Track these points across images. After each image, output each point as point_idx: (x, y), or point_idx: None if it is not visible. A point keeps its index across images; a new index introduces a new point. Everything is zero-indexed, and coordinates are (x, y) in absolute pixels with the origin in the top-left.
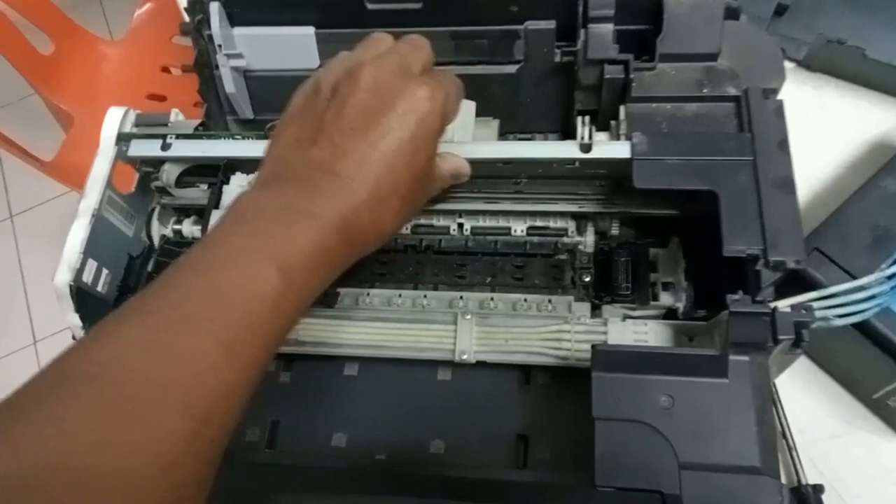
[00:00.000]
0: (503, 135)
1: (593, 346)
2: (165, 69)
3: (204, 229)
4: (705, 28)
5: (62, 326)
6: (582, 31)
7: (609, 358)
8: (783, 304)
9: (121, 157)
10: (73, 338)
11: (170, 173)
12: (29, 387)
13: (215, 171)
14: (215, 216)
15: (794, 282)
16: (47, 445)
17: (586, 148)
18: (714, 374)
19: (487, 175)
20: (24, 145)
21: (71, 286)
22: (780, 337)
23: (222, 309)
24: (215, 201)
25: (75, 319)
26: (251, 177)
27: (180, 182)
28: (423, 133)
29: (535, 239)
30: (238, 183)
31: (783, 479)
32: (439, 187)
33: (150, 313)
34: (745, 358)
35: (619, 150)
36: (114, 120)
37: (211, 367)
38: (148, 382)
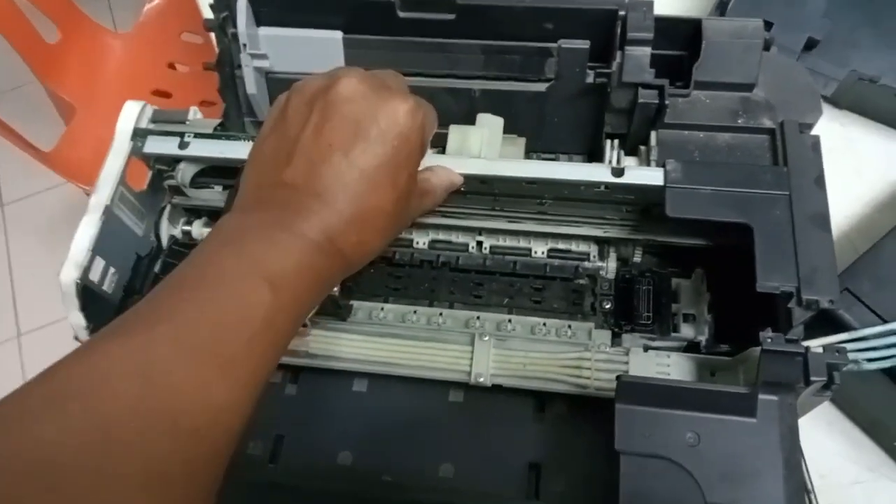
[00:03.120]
0: (527, 153)
1: (618, 377)
2: (171, 66)
3: None
4: (743, 58)
5: (48, 320)
6: (618, 53)
7: (634, 390)
8: (815, 345)
9: (136, 153)
10: (76, 338)
11: (185, 173)
12: (15, 400)
13: (231, 174)
14: None
15: (822, 322)
16: (29, 462)
17: (618, 172)
18: (742, 413)
19: (510, 193)
20: (21, 134)
21: (77, 284)
22: (813, 378)
23: (214, 327)
24: (231, 204)
25: (79, 319)
26: None
27: (195, 182)
28: (406, 149)
29: (556, 262)
30: None
31: None
32: (431, 203)
33: (141, 332)
34: (775, 398)
35: (651, 176)
36: (130, 114)
37: (203, 385)
38: (138, 404)
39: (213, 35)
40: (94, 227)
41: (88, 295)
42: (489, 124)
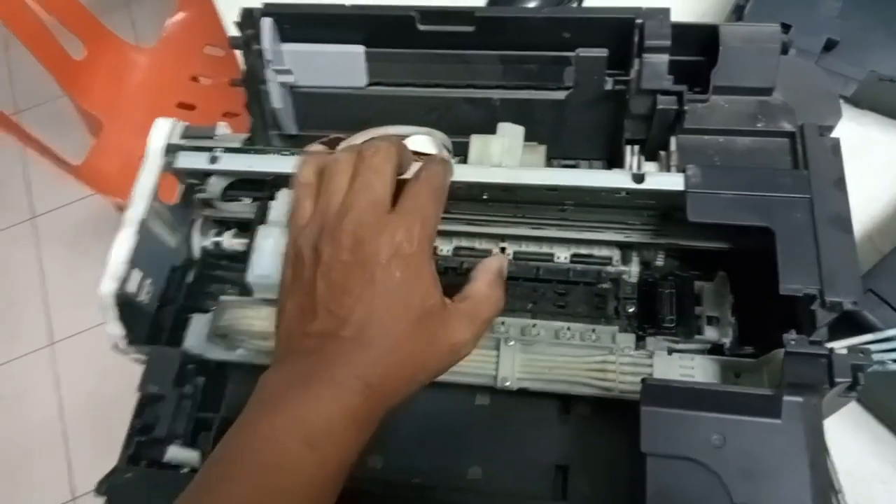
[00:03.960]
0: (548, 160)
1: (643, 380)
2: (195, 78)
3: (249, 244)
4: (761, 62)
5: (80, 328)
6: (636, 61)
7: (659, 392)
8: (839, 346)
9: (168, 168)
10: (115, 346)
11: (215, 186)
12: None
13: (260, 186)
14: (261, 232)
15: (846, 323)
16: None
17: (639, 178)
18: (767, 415)
19: (532, 200)
20: (51, 147)
21: (115, 296)
22: (837, 380)
23: (262, 497)
24: (261, 216)
25: (117, 329)
26: None
27: (225, 195)
28: (413, 269)
29: (579, 267)
30: (284, 199)
31: None
32: (476, 309)
33: None
34: (799, 399)
35: (672, 181)
36: (162, 131)
37: None
38: None
39: (238, 52)
40: (130, 241)
41: (126, 306)
42: (510, 133)
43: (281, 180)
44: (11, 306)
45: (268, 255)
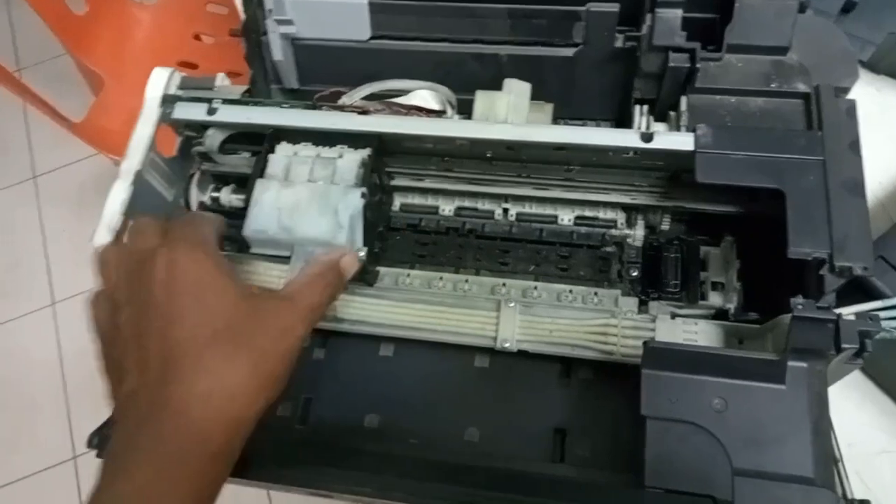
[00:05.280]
0: (554, 120)
1: (644, 343)
2: (197, 37)
3: (247, 198)
4: (777, 20)
5: (81, 289)
6: (648, 16)
7: (660, 355)
8: (847, 312)
9: (165, 119)
10: None
11: (213, 139)
12: None
13: (259, 140)
14: (259, 185)
15: (854, 289)
16: None
17: (647, 137)
18: (771, 380)
19: (537, 160)
20: (52, 105)
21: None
22: (844, 346)
23: None
24: (260, 170)
25: None
26: (297, 146)
27: (223, 148)
28: (191, 281)
29: (583, 229)
30: (283, 152)
31: None
32: (294, 307)
33: None
34: (804, 364)
35: (681, 141)
36: (159, 80)
37: None
38: None
39: (238, 2)
40: (125, 192)
41: None
42: (516, 90)
43: (281, 134)
44: (15, 266)
45: (266, 209)
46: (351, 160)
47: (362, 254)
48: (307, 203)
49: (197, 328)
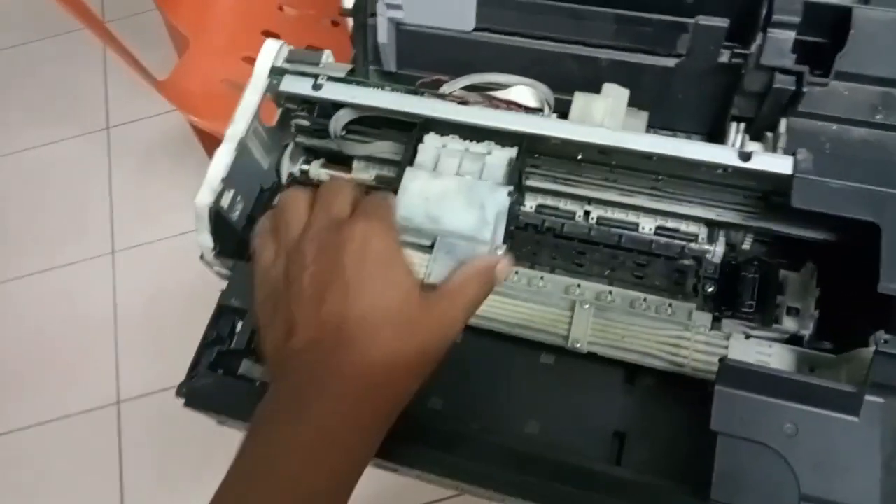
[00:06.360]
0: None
1: (721, 360)
2: (280, 8)
3: (398, 179)
4: (891, 51)
5: (139, 241)
6: (760, 35)
7: (736, 374)
8: None
9: (271, 90)
10: (202, 258)
11: (339, 120)
12: None
13: (379, 125)
14: (408, 174)
15: None
16: None
17: (746, 157)
18: (845, 411)
19: (626, 166)
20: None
21: (210, 208)
22: None
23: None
24: (409, 158)
25: (208, 241)
26: (445, 138)
27: (347, 129)
28: (381, 260)
29: (663, 240)
30: (433, 143)
31: None
32: (461, 303)
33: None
34: (881, 400)
35: (780, 164)
36: (269, 52)
37: None
38: None
39: None
40: (228, 156)
41: (218, 219)
42: (615, 95)
43: (430, 124)
44: (81, 212)
45: (414, 197)
46: (500, 157)
47: (501, 251)
48: (454, 195)
49: (378, 303)
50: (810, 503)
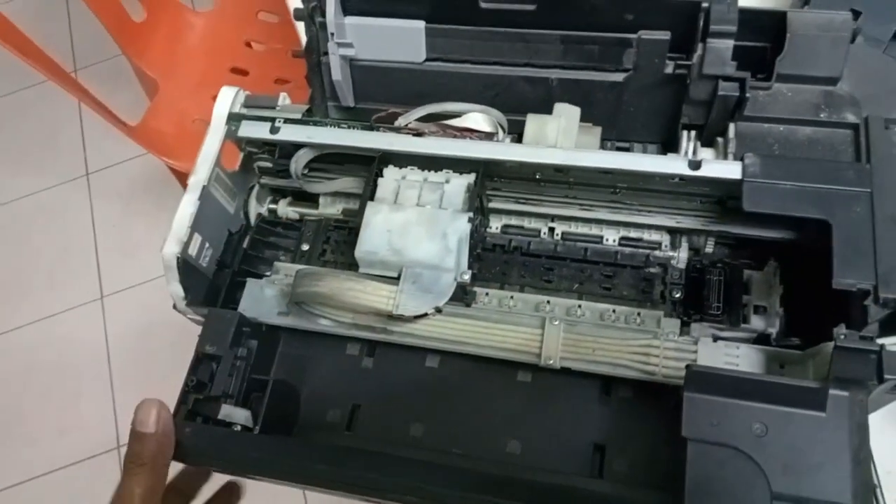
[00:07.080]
0: (602, 142)
1: (687, 366)
2: (248, 44)
3: (360, 215)
4: (829, 50)
5: (128, 284)
6: (700, 45)
7: (702, 379)
8: (890, 343)
9: (230, 136)
10: (174, 307)
11: (299, 160)
12: None
13: (340, 160)
14: (370, 208)
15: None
16: None
17: (695, 165)
18: (812, 407)
19: (584, 182)
20: (108, 106)
21: (178, 258)
22: (887, 377)
23: None
24: (370, 193)
25: (178, 290)
26: (404, 170)
27: (310, 167)
28: None
29: (627, 250)
30: (392, 176)
31: None
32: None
33: None
34: (845, 394)
35: (729, 169)
36: (226, 99)
37: None
38: None
39: (300, 24)
40: (192, 206)
41: (187, 267)
42: (566, 114)
43: (389, 157)
44: (67, 259)
45: (377, 231)
46: (458, 185)
47: (467, 276)
48: (416, 226)
49: None
50: (783, 501)
